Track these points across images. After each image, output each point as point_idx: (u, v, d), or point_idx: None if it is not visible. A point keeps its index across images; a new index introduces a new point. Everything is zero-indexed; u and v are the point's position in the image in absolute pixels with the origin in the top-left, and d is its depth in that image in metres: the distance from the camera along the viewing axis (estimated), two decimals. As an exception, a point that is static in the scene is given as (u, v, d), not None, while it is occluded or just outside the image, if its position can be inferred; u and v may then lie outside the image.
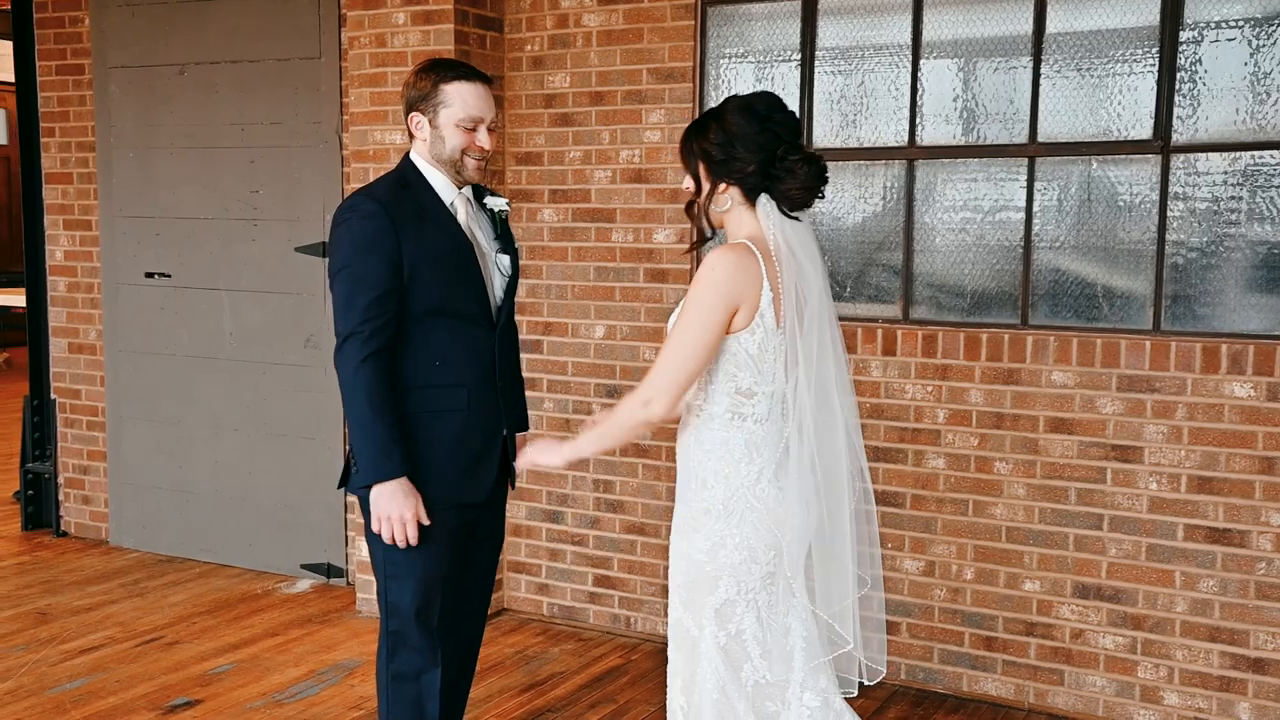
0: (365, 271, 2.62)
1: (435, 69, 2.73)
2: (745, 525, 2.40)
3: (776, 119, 2.41)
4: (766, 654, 2.43)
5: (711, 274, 2.33)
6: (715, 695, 2.42)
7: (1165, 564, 3.67)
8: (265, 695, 3.93)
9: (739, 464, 2.41)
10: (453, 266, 2.72)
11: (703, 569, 2.43)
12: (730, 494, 2.41)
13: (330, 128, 4.98)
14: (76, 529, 5.84)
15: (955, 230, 3.98)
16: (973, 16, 3.89)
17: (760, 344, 2.39)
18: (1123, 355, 3.68)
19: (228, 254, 5.28)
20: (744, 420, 2.42)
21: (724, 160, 2.40)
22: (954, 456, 3.94)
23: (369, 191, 2.74)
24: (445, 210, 2.76)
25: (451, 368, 2.73)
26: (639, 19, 4.36)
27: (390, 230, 2.63)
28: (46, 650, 4.29)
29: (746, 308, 2.36)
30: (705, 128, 2.44)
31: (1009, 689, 3.92)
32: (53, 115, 5.69)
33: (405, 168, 2.79)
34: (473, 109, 2.71)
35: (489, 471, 2.82)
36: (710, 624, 2.43)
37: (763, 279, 2.36)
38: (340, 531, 5.12)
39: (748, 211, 2.44)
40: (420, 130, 2.75)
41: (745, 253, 2.36)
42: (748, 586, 2.42)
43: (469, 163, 2.75)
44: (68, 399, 5.81)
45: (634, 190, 4.43)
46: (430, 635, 2.79)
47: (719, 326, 2.35)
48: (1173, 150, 3.61)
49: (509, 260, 2.86)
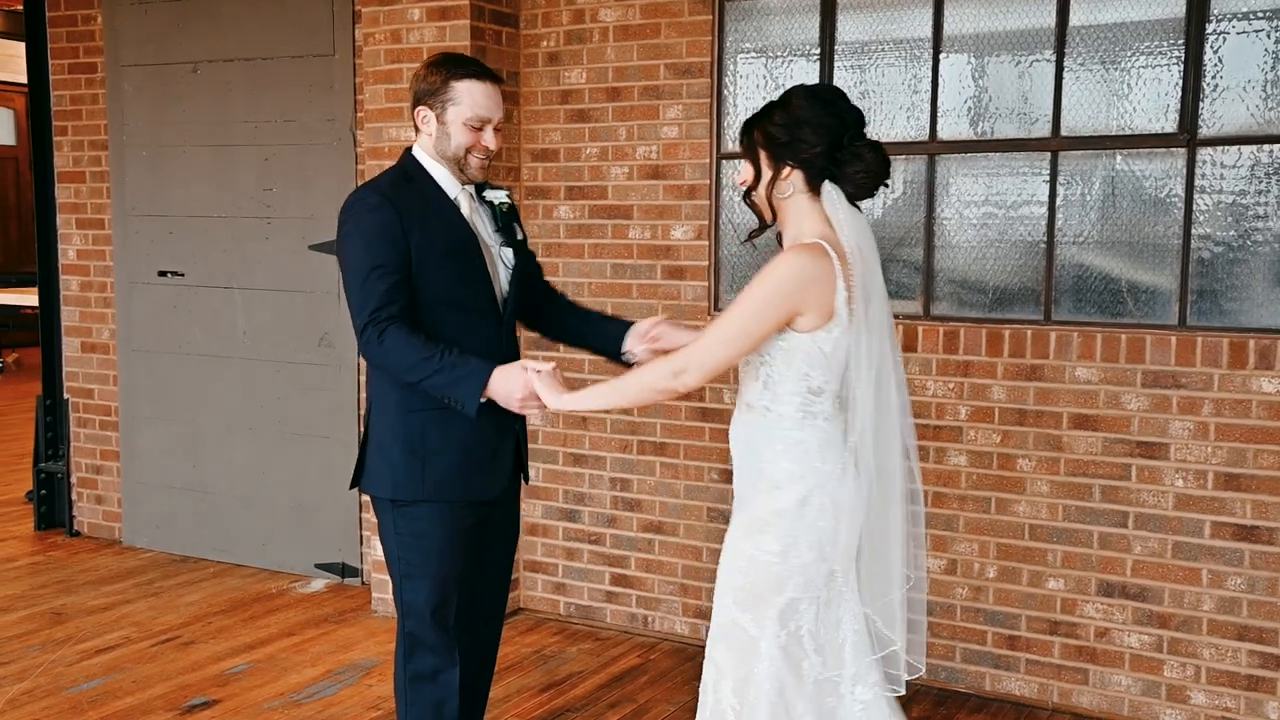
0: (376, 261, 2.60)
1: (447, 64, 2.70)
2: (819, 525, 2.39)
3: (842, 105, 2.41)
4: (820, 649, 2.41)
5: (784, 269, 2.32)
6: (773, 696, 2.39)
7: (1192, 562, 3.63)
8: (283, 695, 3.91)
9: (815, 463, 2.39)
10: (458, 259, 2.69)
11: (770, 569, 2.40)
12: (807, 494, 2.39)
13: (344, 125, 4.96)
14: (89, 529, 5.82)
15: (976, 226, 3.94)
16: (994, 10, 3.85)
17: (836, 342, 2.37)
18: (1148, 351, 3.64)
19: (241, 252, 5.26)
20: (815, 419, 2.40)
21: (789, 142, 2.38)
22: (976, 454, 3.91)
23: (372, 186, 2.73)
24: (449, 203, 2.74)
25: None
26: (656, 14, 4.33)
27: (397, 221, 2.62)
28: (63, 650, 4.27)
29: (814, 311, 2.33)
30: (768, 113, 2.43)
31: (1032, 688, 3.89)
32: (65, 114, 5.68)
33: (407, 162, 2.77)
34: (481, 109, 2.68)
35: (502, 468, 2.79)
36: (773, 624, 2.40)
37: (836, 279, 2.34)
38: (355, 531, 5.09)
39: (810, 200, 2.41)
40: (426, 125, 2.72)
41: (820, 255, 2.34)
42: (814, 584, 2.40)
43: (473, 161, 2.72)
44: (80, 398, 5.79)
45: (651, 186, 4.40)
46: (447, 635, 2.76)
47: (773, 324, 2.33)
48: (1199, 144, 3.57)
49: (512, 252, 2.83)
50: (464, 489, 2.72)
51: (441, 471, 2.70)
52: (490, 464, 2.76)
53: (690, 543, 4.43)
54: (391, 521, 2.74)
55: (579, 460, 4.61)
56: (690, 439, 4.39)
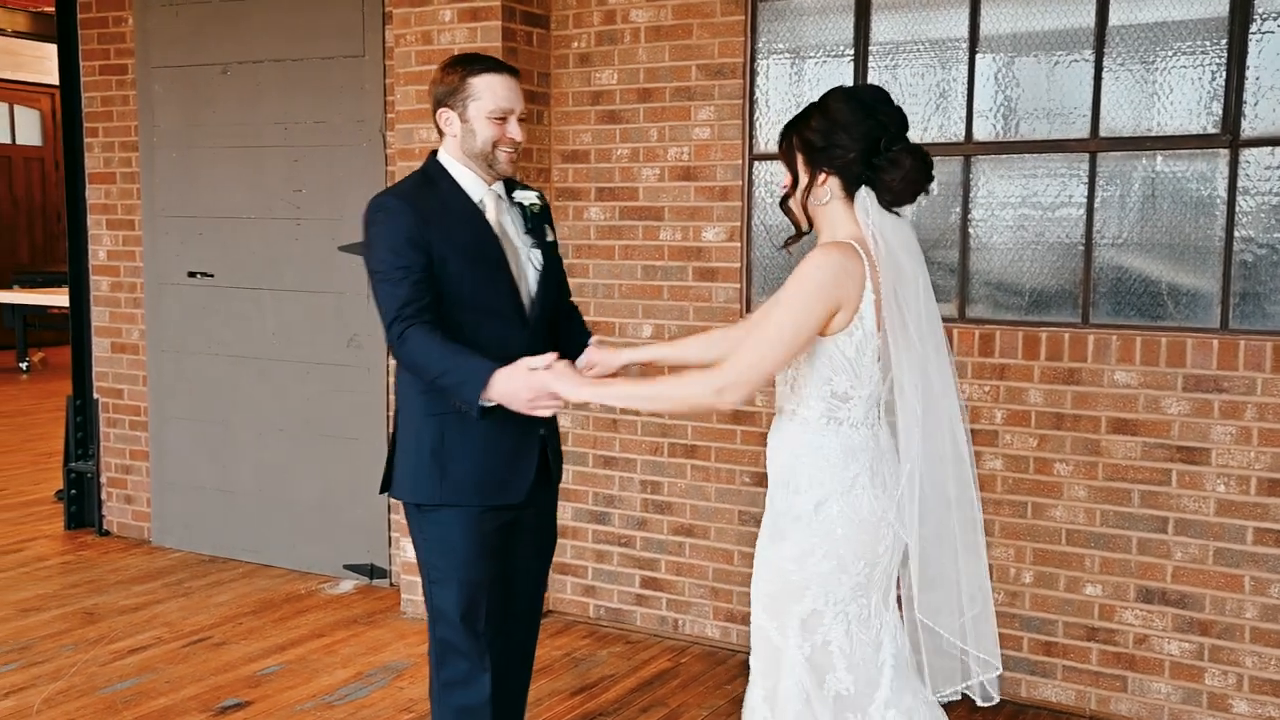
0: (399, 263, 2.60)
1: (461, 63, 2.70)
2: (836, 533, 2.33)
3: (883, 110, 2.34)
4: (852, 667, 2.36)
5: (817, 273, 2.25)
6: (799, 706, 2.35)
7: (1234, 568, 3.58)
8: (315, 697, 3.90)
9: (835, 469, 2.34)
10: (480, 262, 2.68)
11: (789, 577, 2.36)
12: (822, 500, 2.34)
13: (374, 126, 4.96)
14: (119, 528, 5.84)
15: (1012, 227, 3.90)
16: (1032, 10, 3.81)
17: (858, 347, 2.32)
18: (1189, 354, 3.60)
19: (270, 253, 5.26)
20: (840, 425, 2.35)
21: (824, 148, 2.33)
22: (1012, 457, 3.87)
23: (394, 190, 2.74)
24: (471, 206, 2.72)
25: None
26: (688, 15, 4.30)
27: (417, 226, 2.61)
28: (95, 650, 4.28)
29: (846, 310, 2.29)
30: (807, 116, 2.37)
31: (1069, 695, 3.85)
32: (96, 115, 5.69)
33: (430, 166, 2.77)
34: (502, 100, 2.67)
35: (526, 472, 2.76)
36: (795, 634, 2.36)
37: (865, 280, 2.29)
38: (384, 532, 5.09)
39: (846, 206, 2.36)
40: (450, 126, 2.71)
41: (851, 254, 2.29)
42: (836, 597, 2.34)
43: (501, 155, 2.71)
44: (110, 399, 5.81)
45: (682, 188, 4.38)
46: (477, 640, 2.74)
47: (813, 328, 2.27)
48: (1242, 144, 3.52)
49: (541, 255, 2.80)
50: (483, 493, 2.70)
51: (461, 475, 2.68)
52: (511, 467, 2.72)
53: (721, 546, 4.40)
54: (418, 526, 2.74)
55: (609, 463, 4.59)
56: (722, 441, 4.37)
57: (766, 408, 4.26)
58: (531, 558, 2.93)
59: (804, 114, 2.42)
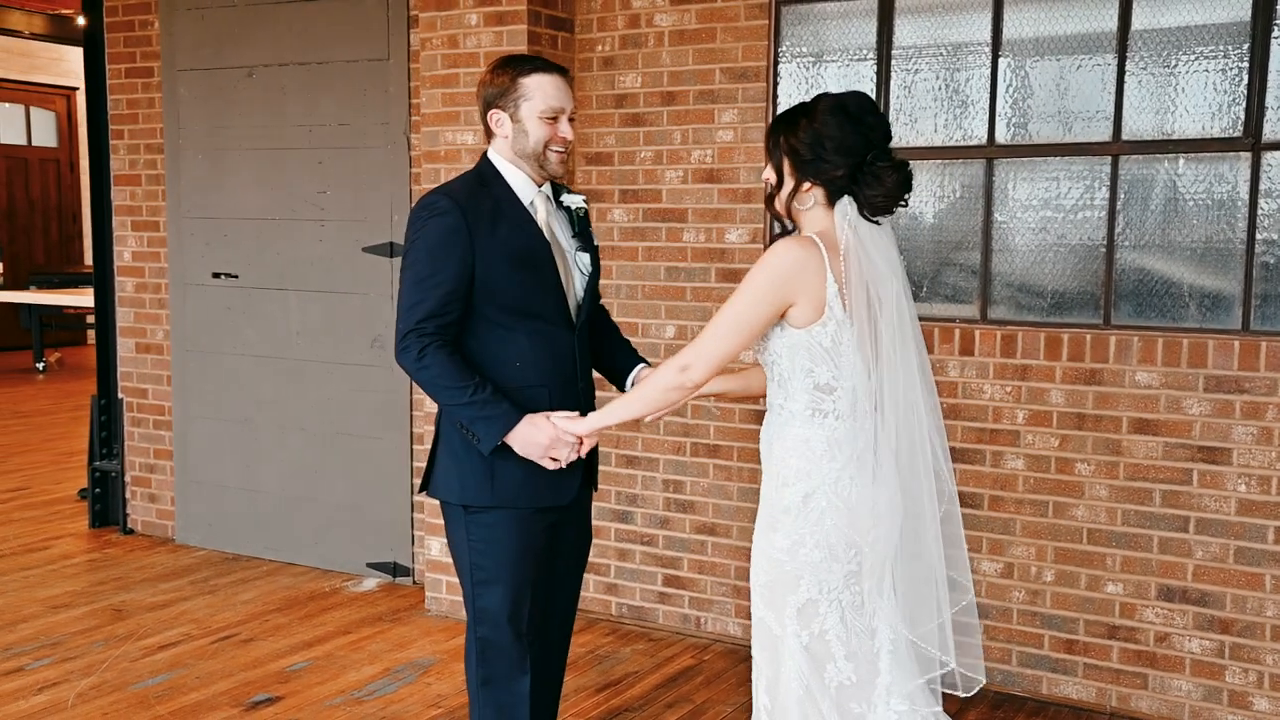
0: (434, 269, 2.61)
1: (511, 64, 2.72)
2: (825, 523, 2.40)
3: (869, 122, 2.40)
4: (851, 655, 2.41)
5: (773, 259, 2.36)
6: (800, 694, 2.41)
7: (1255, 567, 3.62)
8: (344, 692, 3.95)
9: (820, 461, 2.40)
10: (530, 266, 2.69)
11: (783, 568, 2.42)
12: (810, 491, 2.41)
13: (399, 129, 5.01)
14: (143, 527, 5.90)
15: (1035, 230, 3.94)
16: (1055, 14, 3.85)
17: (834, 336, 2.38)
18: (1210, 355, 3.63)
19: (295, 254, 5.32)
20: (824, 417, 2.41)
21: (811, 160, 2.40)
22: (1033, 457, 3.91)
23: (445, 189, 2.72)
24: (522, 209, 2.73)
25: (531, 369, 2.70)
26: (712, 19, 4.35)
27: (464, 229, 2.62)
28: (126, 646, 4.34)
29: (806, 301, 2.37)
30: (795, 124, 2.43)
31: (1090, 692, 3.88)
32: (121, 117, 5.76)
33: (483, 166, 2.78)
34: (554, 99, 2.69)
35: (573, 473, 2.78)
36: (792, 623, 2.42)
37: (825, 270, 2.37)
38: (407, 531, 5.14)
39: (826, 212, 2.44)
40: (500, 126, 2.73)
41: (810, 245, 2.38)
42: (829, 586, 2.41)
43: (552, 155, 2.73)
44: (135, 398, 5.87)
45: (706, 190, 4.42)
46: (520, 641, 2.76)
47: (767, 312, 2.37)
48: (1264, 148, 3.56)
49: (589, 258, 2.84)
50: (534, 495, 2.71)
51: (511, 477, 2.69)
52: (560, 471, 2.74)
53: (743, 544, 4.45)
54: (464, 527, 2.73)
55: (632, 462, 4.63)
56: (744, 441, 4.41)
57: (789, 408, 4.30)
58: (571, 558, 2.95)
59: (792, 119, 2.46)
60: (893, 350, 2.39)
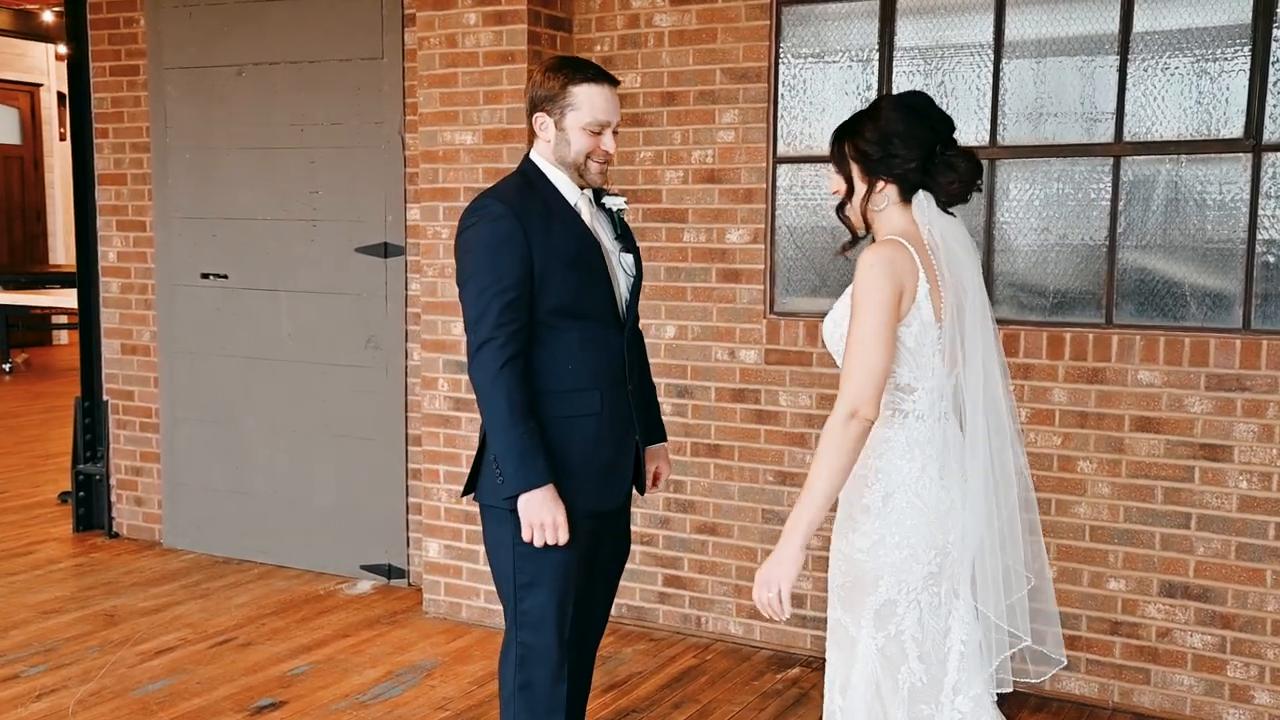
0: (496, 275, 2.59)
1: (564, 69, 2.68)
2: (906, 523, 2.39)
3: (933, 114, 2.41)
4: (924, 656, 2.41)
5: (871, 271, 2.31)
6: (869, 696, 2.40)
7: (1256, 563, 3.67)
8: (348, 696, 3.92)
9: (899, 461, 2.40)
10: (582, 266, 2.68)
11: (863, 568, 2.41)
12: (890, 491, 2.40)
13: (393, 128, 4.97)
14: (128, 530, 5.82)
15: (1037, 230, 3.98)
16: (1056, 15, 3.89)
17: (917, 337, 2.37)
18: (1212, 354, 3.68)
19: (286, 255, 5.27)
20: (905, 417, 2.41)
21: (881, 159, 2.39)
22: (1036, 455, 3.94)
23: (495, 193, 2.69)
24: (571, 210, 2.72)
25: (583, 370, 2.69)
26: (712, 19, 4.35)
27: (520, 231, 2.60)
28: (122, 652, 4.27)
29: (906, 296, 2.34)
30: (859, 127, 2.43)
31: (1093, 688, 3.92)
32: (106, 116, 5.68)
33: (527, 168, 2.76)
34: (600, 113, 2.67)
35: (623, 478, 2.77)
36: (869, 624, 2.41)
37: (919, 271, 2.35)
38: (401, 533, 5.11)
39: (901, 210, 2.43)
40: (544, 131, 2.71)
41: (898, 247, 2.35)
42: (909, 586, 2.40)
43: (592, 167, 2.71)
44: (120, 400, 5.79)
45: (706, 190, 4.43)
46: (562, 647, 2.74)
47: (894, 315, 2.32)
48: (1264, 149, 3.61)
49: (632, 259, 2.83)
50: (582, 501, 2.69)
51: (561, 481, 2.66)
52: (609, 476, 2.74)
53: (744, 544, 4.46)
54: (510, 532, 2.69)
55: (631, 462, 4.62)
56: (745, 441, 4.42)
57: (791, 407, 4.32)
58: (613, 566, 2.94)
59: (855, 122, 2.46)
60: (976, 347, 2.37)
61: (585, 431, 2.69)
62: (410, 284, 4.98)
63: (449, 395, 4.64)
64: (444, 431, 4.67)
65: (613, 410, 2.73)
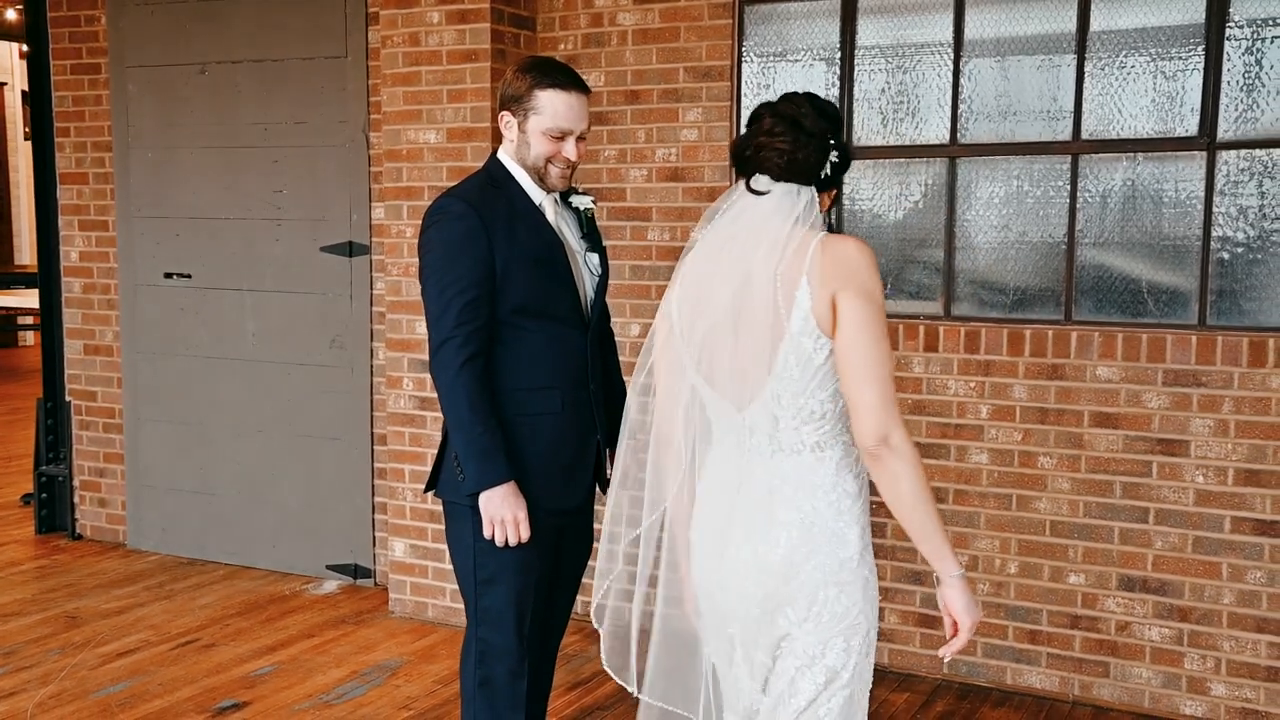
0: (457, 274, 2.58)
1: (534, 71, 2.67)
2: None
3: None
4: None
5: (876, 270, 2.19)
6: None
7: (1212, 556, 3.72)
8: (312, 696, 3.90)
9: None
10: (545, 266, 2.67)
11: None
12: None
13: (356, 127, 4.96)
14: (92, 532, 5.77)
15: (997, 228, 4.01)
16: (1015, 14, 3.92)
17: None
18: (1169, 350, 3.72)
19: (250, 254, 5.24)
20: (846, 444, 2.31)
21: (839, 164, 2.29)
22: (997, 452, 3.97)
23: (458, 192, 2.69)
24: (535, 209, 2.71)
25: (544, 369, 2.68)
26: (675, 18, 4.36)
27: (481, 230, 2.59)
28: (83, 654, 4.24)
29: None
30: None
31: (1053, 681, 3.96)
32: (67, 115, 5.63)
33: (492, 166, 2.75)
34: (562, 120, 2.65)
35: (584, 477, 2.77)
36: None
37: None
38: (367, 532, 5.09)
39: None
40: (509, 130, 2.70)
41: None
42: None
43: (553, 171, 2.70)
44: (83, 400, 5.75)
45: (670, 189, 4.44)
46: (521, 643, 2.74)
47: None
48: (1219, 147, 3.66)
49: (598, 259, 2.82)
50: (544, 498, 2.69)
51: (522, 479, 2.66)
52: (570, 474, 2.73)
53: (710, 541, 4.46)
54: (470, 527, 2.68)
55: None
56: (710, 439, 4.42)
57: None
58: (575, 563, 2.93)
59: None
60: None
61: (546, 430, 2.69)
62: (375, 283, 4.97)
63: (414, 394, 4.62)
64: (409, 430, 4.66)
65: (574, 410, 2.73)
